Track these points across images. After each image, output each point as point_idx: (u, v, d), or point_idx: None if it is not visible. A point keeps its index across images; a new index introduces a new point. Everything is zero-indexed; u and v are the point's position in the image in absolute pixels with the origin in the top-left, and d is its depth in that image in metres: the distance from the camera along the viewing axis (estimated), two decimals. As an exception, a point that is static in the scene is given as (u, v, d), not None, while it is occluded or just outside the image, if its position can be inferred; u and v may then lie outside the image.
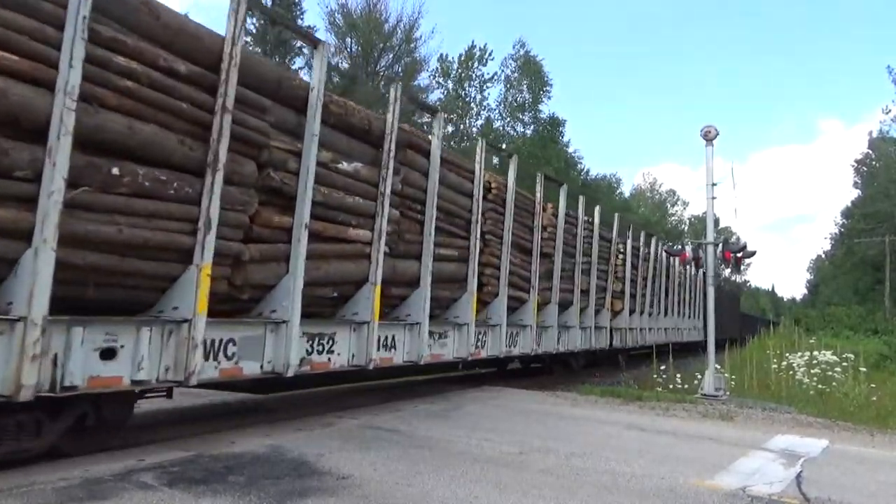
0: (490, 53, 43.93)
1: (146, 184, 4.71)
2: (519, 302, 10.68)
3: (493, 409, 8.18)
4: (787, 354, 14.26)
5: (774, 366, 13.40)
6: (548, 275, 11.61)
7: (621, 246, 15.58)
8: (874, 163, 56.33)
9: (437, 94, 41.87)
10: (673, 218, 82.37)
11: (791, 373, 12.76)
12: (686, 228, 79.84)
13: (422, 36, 38.54)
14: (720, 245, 12.79)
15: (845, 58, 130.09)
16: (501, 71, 45.25)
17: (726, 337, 20.55)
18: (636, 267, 16.46)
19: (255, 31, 32.79)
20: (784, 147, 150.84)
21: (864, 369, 12.54)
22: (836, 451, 6.68)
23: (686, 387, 11.46)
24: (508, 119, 45.30)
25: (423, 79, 40.84)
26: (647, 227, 24.18)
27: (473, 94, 44.15)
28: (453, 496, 4.25)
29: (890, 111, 48.18)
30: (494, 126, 44.29)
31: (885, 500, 4.84)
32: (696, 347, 20.56)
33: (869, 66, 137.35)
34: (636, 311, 16.43)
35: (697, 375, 11.77)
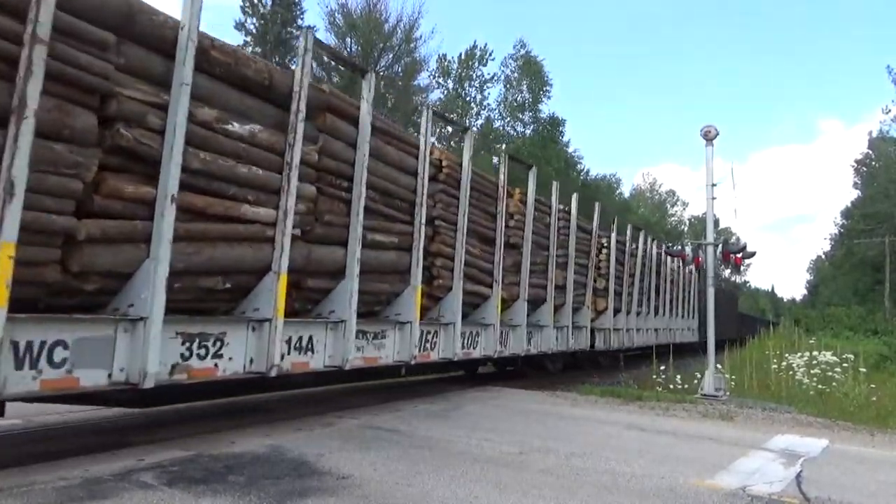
0: (490, 53, 44.08)
1: None
2: (480, 298, 9.59)
3: (492, 409, 8.18)
4: (786, 355, 14.26)
5: (774, 366, 13.41)
6: (515, 268, 10.56)
7: (605, 240, 14.63)
8: (874, 163, 56.38)
9: (437, 94, 42.03)
10: (673, 218, 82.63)
11: (791, 373, 12.76)
12: (686, 229, 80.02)
13: (422, 36, 38.60)
14: (720, 245, 12.82)
15: (845, 58, 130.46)
16: (502, 71, 45.40)
17: (724, 338, 19.96)
18: (622, 263, 15.45)
19: (255, 31, 32.86)
20: (784, 147, 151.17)
21: (864, 369, 12.56)
22: (836, 450, 6.69)
23: (686, 387, 11.48)
24: (508, 119, 45.38)
25: (423, 79, 40.94)
26: (647, 228, 24.04)
27: (473, 94, 44.29)
28: (453, 496, 4.25)
29: (890, 111, 48.26)
30: (494, 126, 44.38)
31: (886, 499, 4.85)
32: (691, 349, 20.00)
33: (869, 66, 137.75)
34: (622, 311, 15.37)
35: (697, 375, 11.78)
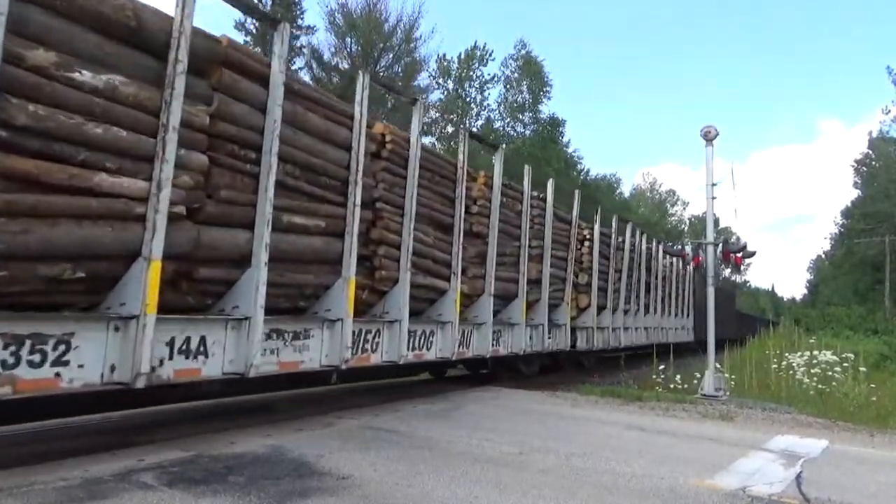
0: (490, 53, 44.04)
1: None
2: (436, 292, 8.64)
3: (493, 409, 8.18)
4: (786, 354, 14.23)
5: (774, 366, 13.39)
6: (480, 259, 9.62)
7: (587, 232, 13.68)
8: (874, 163, 56.39)
9: (437, 95, 42.00)
10: (673, 218, 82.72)
11: (791, 373, 12.74)
12: (686, 228, 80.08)
13: (421, 36, 38.55)
14: (720, 245, 12.81)
15: (845, 58, 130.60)
16: (502, 72, 45.35)
17: (722, 337, 18.93)
18: (607, 257, 14.50)
19: (255, 31, 32.84)
20: (784, 147, 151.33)
21: (864, 369, 12.53)
22: (835, 451, 6.68)
23: (686, 387, 11.47)
24: (508, 119, 45.35)
25: (423, 79, 40.92)
26: (648, 227, 23.94)
27: (473, 95, 44.26)
28: (453, 496, 4.25)
29: (890, 111, 48.32)
30: (495, 126, 44.33)
31: (886, 500, 4.85)
32: (688, 348, 19.25)
33: (869, 66, 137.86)
34: (608, 308, 14.42)
35: (697, 375, 11.78)
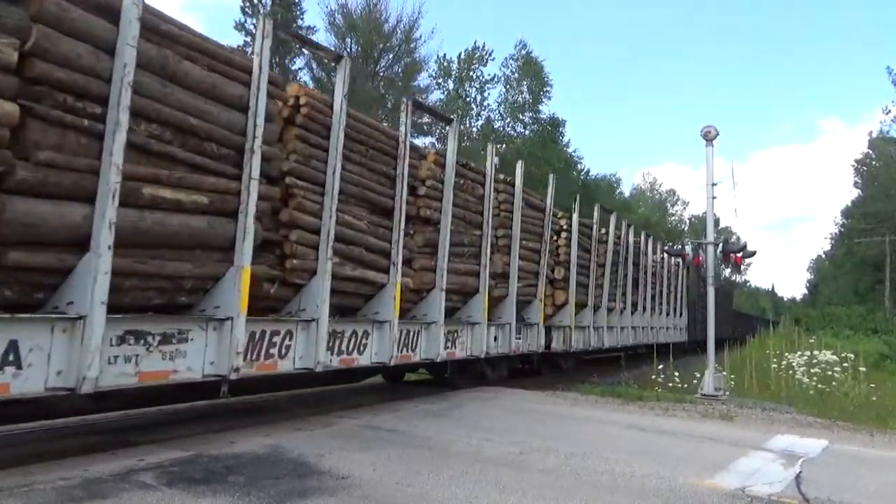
0: (490, 54, 44.04)
1: None
2: (371, 286, 7.49)
3: (492, 409, 8.18)
4: (786, 354, 14.24)
5: (774, 365, 13.40)
6: (430, 249, 8.47)
7: (564, 222, 12.58)
8: (874, 163, 56.43)
9: (437, 95, 41.98)
10: (673, 218, 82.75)
11: (791, 373, 12.75)
12: (686, 228, 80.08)
13: (421, 36, 38.60)
14: (720, 245, 12.82)
15: (845, 58, 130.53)
16: (502, 72, 45.37)
17: (720, 337, 18.12)
18: (588, 250, 13.30)
19: (255, 31, 32.81)
20: (784, 147, 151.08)
21: (864, 369, 12.54)
22: (835, 451, 6.68)
23: (686, 387, 11.47)
24: (508, 120, 45.37)
25: (423, 79, 40.92)
26: (648, 227, 23.78)
27: (473, 95, 44.26)
28: (453, 496, 4.25)
29: (890, 111, 48.39)
30: (495, 126, 44.34)
31: (886, 500, 4.85)
32: (680, 349, 18.45)
33: (869, 66, 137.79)
34: (589, 306, 13.28)
35: (697, 375, 11.78)
